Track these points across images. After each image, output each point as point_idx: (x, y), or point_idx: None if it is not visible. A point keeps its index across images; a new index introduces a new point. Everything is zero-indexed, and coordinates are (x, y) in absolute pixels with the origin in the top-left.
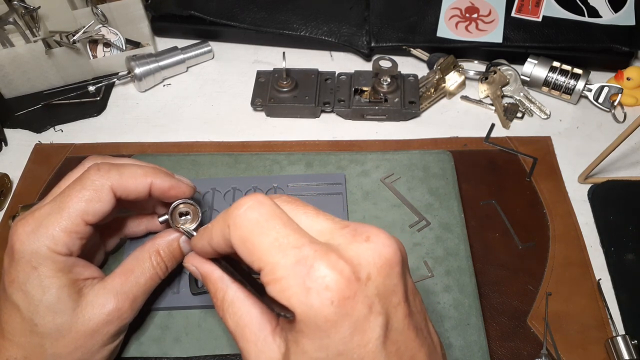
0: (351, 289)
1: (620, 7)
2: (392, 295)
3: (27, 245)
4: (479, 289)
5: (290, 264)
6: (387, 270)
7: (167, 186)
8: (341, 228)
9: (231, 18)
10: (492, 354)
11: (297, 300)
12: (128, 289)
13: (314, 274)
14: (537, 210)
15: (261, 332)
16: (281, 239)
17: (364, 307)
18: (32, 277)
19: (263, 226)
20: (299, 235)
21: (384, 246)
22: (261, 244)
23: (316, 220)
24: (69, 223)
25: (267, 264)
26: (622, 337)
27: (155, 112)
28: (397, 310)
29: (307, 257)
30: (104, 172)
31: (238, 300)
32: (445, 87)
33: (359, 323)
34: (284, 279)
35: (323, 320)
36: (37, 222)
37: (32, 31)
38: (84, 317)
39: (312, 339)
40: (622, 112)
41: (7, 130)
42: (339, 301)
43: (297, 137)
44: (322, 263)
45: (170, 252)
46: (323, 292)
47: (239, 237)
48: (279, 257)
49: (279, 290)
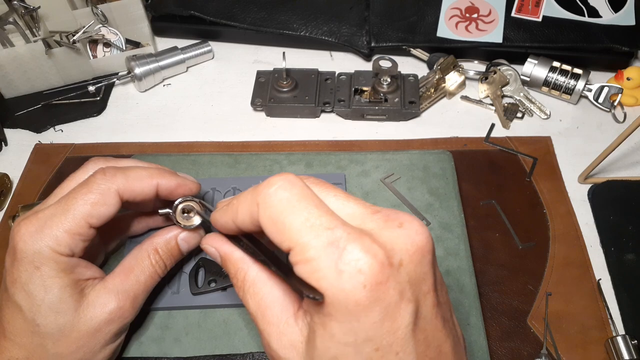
0: (384, 273)
1: (620, 7)
2: (423, 283)
3: (30, 245)
4: (479, 289)
5: (322, 245)
6: (419, 257)
7: (174, 185)
8: (373, 213)
9: (231, 18)
10: (492, 354)
11: (328, 283)
12: (129, 288)
13: (347, 257)
14: (537, 210)
15: (283, 314)
16: (313, 220)
17: (395, 293)
18: (34, 277)
19: (294, 206)
20: (332, 217)
21: (417, 233)
22: (292, 224)
23: (346, 203)
24: (73, 225)
25: (297, 244)
26: (622, 337)
27: (155, 112)
28: (427, 299)
29: (340, 239)
30: (110, 176)
31: (260, 281)
32: (445, 87)
33: (390, 309)
34: (315, 260)
35: (354, 304)
36: (41, 223)
37: (32, 31)
38: (86, 317)
39: (341, 323)
40: (622, 112)
41: (7, 130)
42: (371, 285)
43: (297, 137)
44: (356, 246)
45: (169, 250)
46: (356, 276)
47: (269, 216)
48: (311, 237)
49: (309, 272)
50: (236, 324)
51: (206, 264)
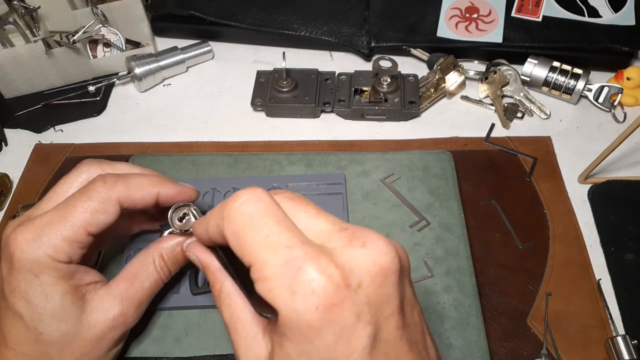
0: (339, 295)
1: (620, 7)
2: (385, 306)
3: (27, 254)
4: (479, 289)
5: (279, 264)
6: (381, 279)
7: (174, 194)
8: (339, 231)
9: (231, 18)
10: (492, 354)
11: (281, 302)
12: (133, 294)
13: (302, 277)
14: (537, 210)
15: (252, 329)
16: (272, 237)
17: (351, 315)
18: (34, 286)
19: (256, 222)
20: (292, 235)
21: (380, 253)
22: (252, 240)
23: (316, 220)
24: (71, 232)
25: (256, 260)
26: (622, 337)
27: (155, 112)
28: (389, 321)
29: (296, 258)
30: (110, 185)
31: (234, 294)
32: (445, 87)
33: (344, 331)
34: (270, 279)
35: (306, 325)
36: (38, 230)
37: (32, 31)
38: (89, 324)
39: (295, 344)
40: (622, 112)
41: (7, 130)
42: (324, 307)
43: (297, 137)
44: (312, 266)
45: (174, 257)
46: (309, 297)
47: (232, 230)
48: (268, 255)
49: (266, 290)
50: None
51: None
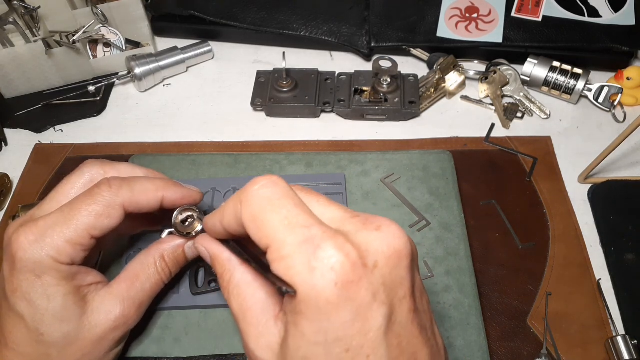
0: (356, 273)
1: (620, 7)
2: (399, 288)
3: (30, 254)
4: (479, 289)
5: (297, 243)
6: (395, 261)
7: (179, 197)
8: (352, 217)
9: (231, 18)
10: (492, 354)
11: (300, 279)
12: (134, 295)
13: (320, 254)
14: (537, 210)
15: (263, 316)
16: (291, 218)
17: (367, 293)
18: (36, 286)
19: (274, 204)
20: (309, 216)
21: (394, 237)
22: (270, 221)
23: (328, 208)
24: (74, 235)
25: (274, 241)
26: (622, 337)
27: (155, 112)
28: (402, 304)
29: (314, 237)
30: (115, 189)
31: (244, 283)
32: (445, 87)
33: (361, 309)
34: (289, 257)
35: (325, 301)
36: (41, 231)
37: (32, 31)
38: (91, 324)
39: (311, 321)
40: (622, 112)
41: (7, 130)
42: (343, 284)
43: (297, 137)
44: (330, 244)
45: (175, 258)
46: (327, 273)
47: (250, 213)
48: (287, 234)
49: (284, 268)
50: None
51: (206, 264)
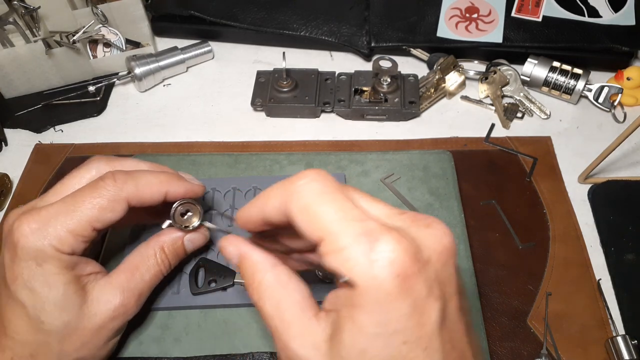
0: (414, 267)
1: (620, 7)
2: (448, 284)
3: (32, 242)
4: (479, 289)
5: (355, 235)
6: (445, 258)
7: (183, 192)
8: (399, 214)
9: (231, 18)
10: (492, 354)
11: (360, 271)
12: (134, 286)
13: (379, 247)
14: (537, 210)
15: (304, 315)
16: (346, 211)
17: (424, 287)
18: (37, 274)
19: (328, 197)
20: (362, 210)
21: (443, 234)
22: (324, 214)
23: (373, 204)
24: (77, 226)
25: (329, 233)
26: (622, 337)
27: (155, 112)
28: (452, 301)
29: (372, 230)
30: (120, 183)
31: (279, 284)
32: (445, 87)
33: (418, 303)
34: (347, 249)
35: (385, 293)
36: (44, 220)
37: (32, 31)
38: (90, 313)
39: (370, 314)
40: (622, 112)
41: (7, 130)
42: (402, 276)
43: (297, 137)
44: (388, 237)
45: (174, 250)
46: (388, 266)
47: (302, 205)
48: (343, 227)
49: (341, 261)
50: (236, 324)
51: (206, 264)
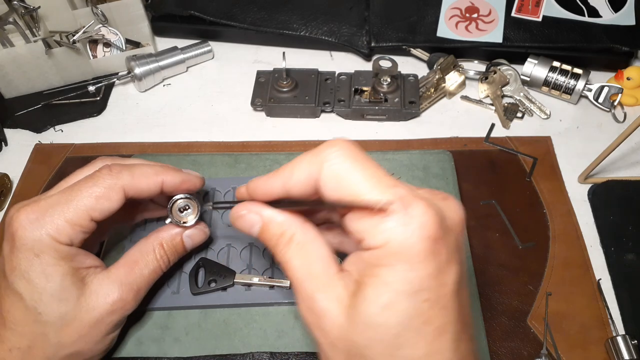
0: (441, 232)
1: (620, 7)
2: (461, 252)
3: (29, 233)
4: (479, 289)
5: (388, 199)
6: (461, 228)
7: (179, 181)
8: (417, 188)
9: (231, 18)
10: (492, 354)
11: (393, 233)
12: (132, 281)
13: (413, 211)
14: (537, 210)
15: (330, 270)
16: (378, 177)
17: (447, 251)
18: (34, 265)
19: (359, 163)
20: (392, 177)
21: (458, 207)
22: (358, 179)
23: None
24: (74, 216)
25: (363, 197)
26: (622, 337)
27: (155, 112)
28: (463, 267)
29: (404, 197)
30: (116, 173)
31: (308, 240)
32: (445, 87)
33: (442, 265)
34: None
35: (416, 253)
36: (42, 210)
37: (32, 31)
38: (88, 306)
39: (398, 272)
40: (622, 112)
41: (7, 130)
42: (432, 239)
43: (297, 137)
44: (420, 203)
45: (174, 246)
46: (420, 229)
47: (334, 171)
48: (376, 192)
49: (374, 223)
50: (236, 324)
51: (206, 264)
